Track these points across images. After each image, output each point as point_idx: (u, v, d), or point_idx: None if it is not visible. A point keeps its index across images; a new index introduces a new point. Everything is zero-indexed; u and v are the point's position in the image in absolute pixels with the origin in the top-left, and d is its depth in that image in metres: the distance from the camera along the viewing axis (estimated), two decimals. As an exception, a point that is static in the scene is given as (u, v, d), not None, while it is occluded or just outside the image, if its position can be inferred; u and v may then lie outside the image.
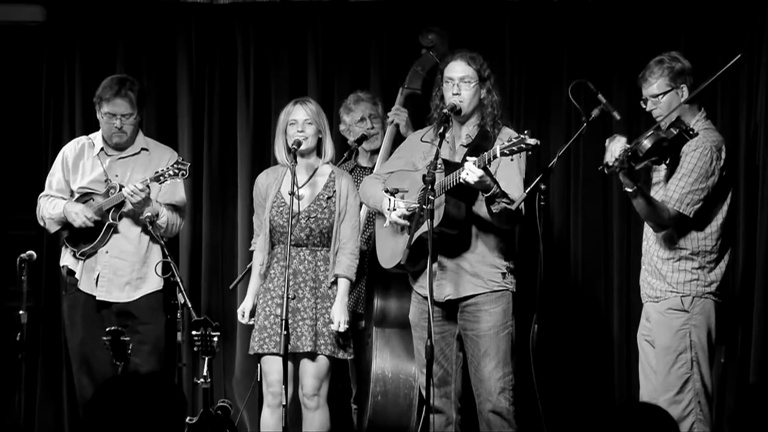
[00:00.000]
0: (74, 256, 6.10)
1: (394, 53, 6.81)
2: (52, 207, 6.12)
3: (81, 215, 6.00)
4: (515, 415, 5.48)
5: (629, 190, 5.18)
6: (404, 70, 6.52)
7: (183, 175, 5.90)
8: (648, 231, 5.49)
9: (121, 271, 6.05)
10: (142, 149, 6.18)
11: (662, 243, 5.39)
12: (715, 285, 5.36)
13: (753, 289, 6.25)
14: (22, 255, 6.00)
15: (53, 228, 6.16)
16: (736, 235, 6.21)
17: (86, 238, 6.06)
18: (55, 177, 6.20)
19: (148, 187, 5.91)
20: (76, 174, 6.14)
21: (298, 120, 5.76)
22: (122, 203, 5.97)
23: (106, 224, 6.01)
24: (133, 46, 6.94)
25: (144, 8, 6.95)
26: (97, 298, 6.06)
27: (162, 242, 5.73)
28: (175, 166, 5.89)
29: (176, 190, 6.14)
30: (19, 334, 5.93)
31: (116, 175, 6.08)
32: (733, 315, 6.31)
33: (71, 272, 6.12)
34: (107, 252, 6.05)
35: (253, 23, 6.93)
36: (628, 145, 5.12)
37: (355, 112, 6.41)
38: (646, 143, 5.09)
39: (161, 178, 5.89)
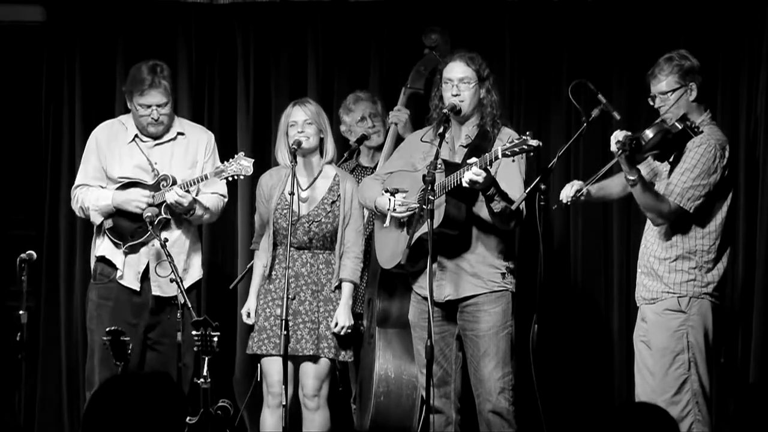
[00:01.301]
0: (118, 248, 5.88)
1: (394, 53, 6.81)
2: (96, 198, 5.89)
3: (141, 198, 5.78)
4: (515, 415, 5.48)
5: (630, 178, 5.17)
6: (404, 69, 6.51)
7: (247, 172, 5.72)
8: (646, 232, 5.48)
9: (167, 264, 5.76)
10: (178, 134, 5.98)
11: (659, 242, 5.38)
12: (712, 286, 5.35)
13: (753, 289, 6.25)
14: (22, 255, 5.98)
15: (98, 219, 5.90)
16: (736, 235, 6.21)
17: (135, 231, 5.86)
18: (90, 164, 5.97)
19: (188, 191, 5.76)
20: (113, 160, 5.93)
21: (298, 121, 5.76)
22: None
23: (158, 218, 5.80)
24: (133, 46, 6.93)
25: (144, 8, 6.95)
26: (152, 294, 5.85)
27: (162, 241, 5.70)
28: (238, 162, 5.71)
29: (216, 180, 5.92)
30: (19, 334, 5.92)
31: (156, 163, 5.89)
32: (733, 315, 6.31)
33: (109, 263, 5.90)
34: (153, 245, 5.84)
35: (253, 23, 6.93)
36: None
37: (355, 112, 6.41)
38: (649, 133, 5.10)
39: (223, 173, 5.73)
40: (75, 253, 6.82)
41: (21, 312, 5.92)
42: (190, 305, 5.57)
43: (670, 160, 5.28)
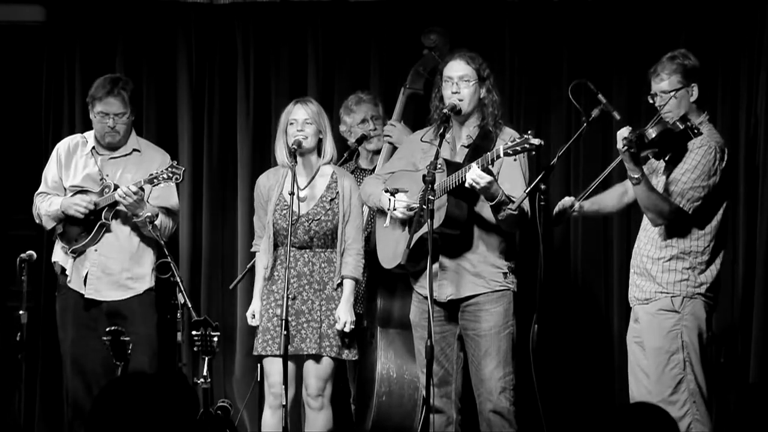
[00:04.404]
0: (66, 252, 6.09)
1: (394, 53, 6.81)
2: (48, 204, 6.10)
3: (81, 202, 5.97)
4: (515, 415, 5.48)
5: (635, 176, 5.16)
6: (404, 70, 6.51)
7: (177, 179, 5.87)
8: (640, 234, 5.47)
9: (110, 270, 6.04)
10: (134, 150, 6.15)
11: (655, 243, 5.37)
12: (705, 286, 5.34)
13: (753, 289, 6.25)
14: (22, 255, 6.00)
15: (49, 225, 6.13)
16: (736, 235, 6.21)
17: (78, 236, 6.05)
18: (49, 174, 6.18)
19: (141, 189, 5.90)
20: (68, 171, 6.13)
21: (298, 120, 5.76)
22: (116, 203, 5.95)
23: (99, 223, 6.00)
24: (133, 46, 6.94)
25: (144, 8, 6.95)
26: (85, 296, 6.05)
27: (162, 242, 5.72)
28: (169, 169, 5.86)
29: (170, 194, 6.12)
30: (19, 334, 5.93)
31: (107, 175, 6.06)
32: (733, 315, 6.31)
33: (63, 270, 6.12)
34: (96, 250, 6.04)
35: (253, 23, 6.93)
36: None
37: (356, 114, 6.40)
38: (652, 132, 5.10)
39: (155, 180, 5.88)
40: (75, 253, 6.82)
41: (21, 312, 5.94)
42: (190, 305, 5.58)
43: (666, 158, 5.28)
